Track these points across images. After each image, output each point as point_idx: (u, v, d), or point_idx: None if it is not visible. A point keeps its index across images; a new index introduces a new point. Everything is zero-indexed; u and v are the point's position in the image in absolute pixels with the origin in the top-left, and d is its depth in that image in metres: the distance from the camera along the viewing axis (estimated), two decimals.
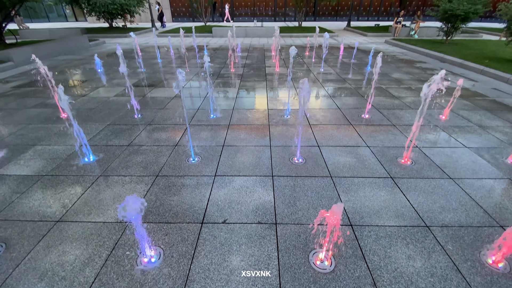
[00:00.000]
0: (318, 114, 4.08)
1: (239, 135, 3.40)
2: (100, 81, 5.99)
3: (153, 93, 5.12)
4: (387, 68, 7.08)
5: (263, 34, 14.02)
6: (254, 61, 8.04)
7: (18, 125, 3.77)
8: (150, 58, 8.39)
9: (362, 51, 9.68)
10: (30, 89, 5.47)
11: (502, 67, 6.51)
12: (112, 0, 14.06)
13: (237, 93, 5.09)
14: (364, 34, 14.25)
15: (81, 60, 8.34)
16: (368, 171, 2.66)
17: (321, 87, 5.51)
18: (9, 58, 7.63)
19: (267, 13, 24.80)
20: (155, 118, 3.95)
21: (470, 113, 4.13)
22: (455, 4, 9.40)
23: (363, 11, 24.89)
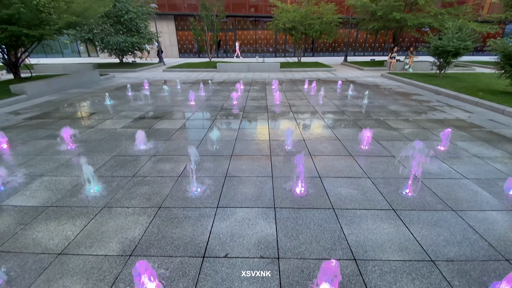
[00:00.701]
0: (319, 145, 4.18)
1: (242, 166, 3.47)
2: (108, 113, 6.24)
3: (159, 124, 5.31)
4: (384, 100, 7.34)
5: (265, 69, 14.78)
6: (256, 94, 8.39)
7: (27, 156, 3.88)
8: (157, 91, 8.80)
9: (360, 84, 10.11)
10: (41, 120, 5.70)
11: (497, 99, 6.74)
12: (124, 39, 15.11)
13: (239, 125, 5.26)
14: (360, 68, 14.96)
15: (91, 93, 8.75)
16: (370, 203, 2.67)
17: (321, 118, 5.69)
18: (23, 91, 8.05)
19: (268, 49, 26.34)
20: (160, 149, 4.07)
21: (468, 144, 4.21)
22: (445, 41, 10.00)
23: (358, 47, 26.38)
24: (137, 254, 2.04)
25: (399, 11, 13.83)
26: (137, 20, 15.72)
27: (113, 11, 14.57)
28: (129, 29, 15.75)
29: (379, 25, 15.62)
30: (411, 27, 14.80)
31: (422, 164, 3.43)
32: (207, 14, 17.10)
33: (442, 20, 13.52)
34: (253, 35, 25.70)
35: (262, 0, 23.37)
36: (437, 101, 7.23)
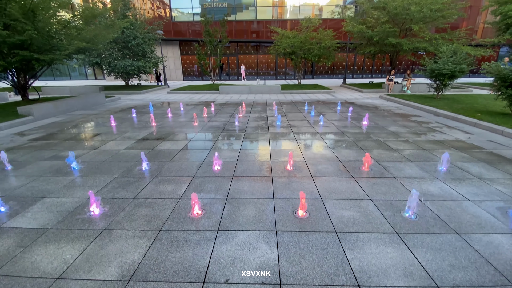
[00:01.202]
0: (320, 166, 4.19)
1: (243, 187, 3.47)
2: (112, 134, 6.35)
3: (162, 145, 5.38)
4: (383, 121, 7.45)
5: (266, 91, 15.16)
6: (257, 115, 8.54)
7: (30, 177, 3.92)
8: (161, 113, 9.00)
9: (359, 105, 10.31)
10: (45, 141, 5.80)
11: (495, 120, 6.82)
12: (130, 63, 15.71)
13: (241, 145, 5.32)
14: (359, 90, 15.31)
15: (95, 115, 8.95)
16: (373, 226, 2.64)
17: (321, 139, 5.76)
18: (30, 113, 8.26)
19: (269, 72, 27.16)
20: (162, 170, 4.09)
21: (469, 165, 4.21)
22: (441, 64, 10.31)
23: (357, 70, 27.14)
24: (136, 279, 2.00)
25: (394, 37, 14.40)
26: (144, 46, 16.44)
27: (121, 37, 15.28)
28: (136, 53, 16.43)
29: (376, 50, 16.19)
30: (407, 51, 15.32)
31: (424, 186, 3.44)
32: (211, 40, 17.87)
33: (437, 45, 14.03)
34: (255, 59, 26.63)
35: (263, 27, 24.50)
36: (436, 122, 7.32)
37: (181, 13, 24.85)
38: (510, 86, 7.32)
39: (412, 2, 13.43)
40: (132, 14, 16.57)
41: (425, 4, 13.36)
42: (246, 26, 24.83)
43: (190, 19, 24.80)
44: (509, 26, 14.36)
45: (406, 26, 14.84)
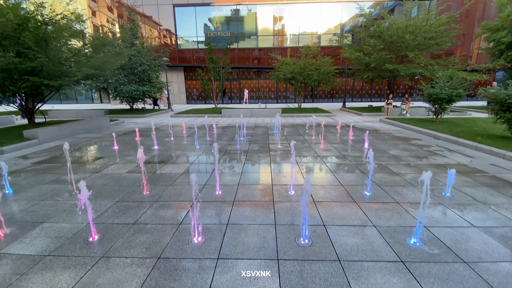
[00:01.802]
0: (322, 191, 4.16)
1: (244, 213, 3.43)
2: (114, 157, 6.41)
3: (163, 169, 5.40)
4: (384, 145, 7.49)
5: (267, 114, 15.44)
6: (259, 138, 8.63)
7: (31, 201, 3.90)
8: (163, 136, 9.12)
9: (359, 129, 10.42)
10: (48, 165, 5.84)
11: (496, 144, 6.84)
12: (136, 88, 16.22)
13: (242, 169, 5.33)
14: (359, 114, 15.55)
15: (99, 138, 9.08)
16: (377, 254, 2.57)
17: (323, 163, 5.76)
18: (35, 136, 8.39)
19: (270, 96, 27.82)
20: (162, 194, 4.08)
21: (472, 190, 4.17)
22: (438, 89, 10.57)
23: (356, 94, 27.76)
24: None
25: (391, 63, 14.90)
26: (150, 72, 17.08)
27: (128, 63, 15.94)
28: (142, 79, 17.02)
29: (373, 75, 16.70)
30: (403, 76, 15.78)
31: (428, 212, 3.38)
32: (214, 67, 18.57)
33: (433, 70, 14.46)
34: (256, 84, 27.42)
35: (264, 54, 25.53)
36: (437, 146, 7.35)
37: (186, 41, 26.07)
38: (507, 110, 7.43)
39: (407, 31, 14.07)
40: (140, 43, 17.41)
41: (419, 32, 13.98)
42: (248, 53, 25.89)
43: (194, 47, 25.97)
44: (502, 51, 14.90)
45: (402, 53, 15.42)
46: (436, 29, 14.30)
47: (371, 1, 23.89)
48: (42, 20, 9.10)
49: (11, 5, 8.58)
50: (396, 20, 15.36)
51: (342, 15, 24.72)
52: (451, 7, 19.32)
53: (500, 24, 14.49)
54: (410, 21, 14.70)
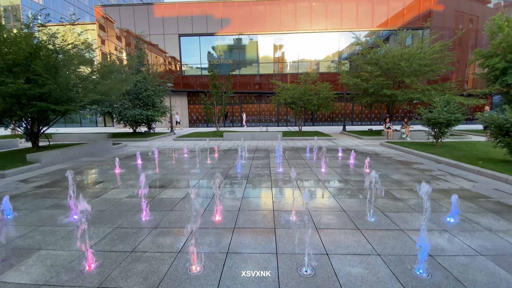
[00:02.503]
0: (324, 217, 4.10)
1: (244, 240, 3.36)
2: (115, 181, 6.40)
3: (163, 194, 5.37)
4: (386, 169, 7.46)
5: (268, 137, 15.59)
6: (260, 161, 8.65)
7: (29, 226, 3.85)
8: (165, 160, 9.17)
9: (360, 152, 10.44)
10: (49, 189, 5.83)
11: (497, 168, 6.81)
12: (140, 112, 16.59)
13: (243, 194, 5.29)
14: (359, 137, 15.66)
15: (101, 162, 9.13)
16: (383, 285, 2.48)
17: (324, 187, 5.72)
18: (37, 160, 8.45)
19: (271, 119, 28.29)
20: (162, 220, 4.02)
21: (477, 216, 4.09)
22: (436, 114, 10.73)
23: (355, 117, 28.17)
24: None
25: (388, 88, 15.28)
26: (154, 97, 17.56)
27: (133, 89, 16.46)
28: (146, 103, 17.46)
29: (372, 100, 17.06)
30: (401, 101, 16.10)
31: (433, 240, 3.30)
32: (217, 92, 19.12)
33: (430, 95, 14.79)
34: (257, 108, 28.03)
35: (265, 80, 26.39)
36: (439, 170, 7.31)
37: (190, 67, 27.12)
38: (506, 134, 7.50)
39: (402, 58, 14.61)
40: (146, 69, 18.11)
41: (414, 60, 14.51)
42: (249, 79, 26.77)
43: (198, 73, 26.95)
44: (497, 77, 15.29)
45: (399, 79, 15.88)
46: (430, 56, 14.85)
47: (367, 30, 25.13)
48: (53, 49, 9.57)
49: (25, 35, 9.05)
50: (391, 48, 16.03)
51: (340, 43, 25.87)
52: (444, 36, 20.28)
53: (493, 51, 15.03)
54: (405, 49, 15.33)
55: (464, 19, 25.28)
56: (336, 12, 24.94)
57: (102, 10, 26.70)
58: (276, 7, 25.08)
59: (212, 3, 25.29)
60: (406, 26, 23.91)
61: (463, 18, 25.24)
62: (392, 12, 24.73)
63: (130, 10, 26.35)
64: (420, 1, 24.47)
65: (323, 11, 24.98)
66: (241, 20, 25.38)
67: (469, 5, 25.04)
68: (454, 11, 24.84)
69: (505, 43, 13.91)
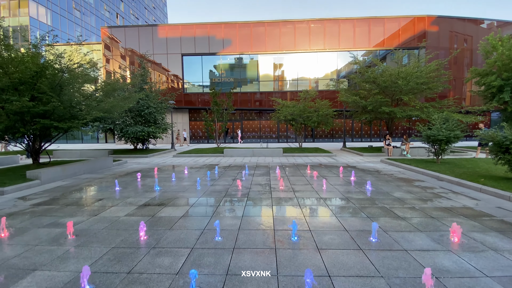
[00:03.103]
0: (326, 236, 4.02)
1: (244, 261, 3.28)
2: (114, 199, 6.34)
3: (163, 212, 5.30)
4: (387, 187, 7.41)
5: (268, 154, 15.60)
6: (260, 179, 8.60)
7: (26, 246, 3.78)
8: (165, 177, 9.13)
9: (361, 169, 10.41)
10: (47, 207, 5.77)
11: (500, 185, 6.75)
12: (141, 129, 16.72)
13: (243, 212, 5.22)
14: (360, 154, 15.66)
15: (101, 179, 9.09)
16: None
17: (325, 205, 5.65)
18: (37, 177, 8.42)
19: (271, 135, 28.42)
20: (160, 240, 3.95)
21: (481, 235, 4.01)
22: (435, 131, 10.79)
23: (355, 134, 28.31)
24: None
25: (387, 106, 15.49)
26: (156, 114, 17.78)
27: (136, 106, 16.70)
28: (147, 120, 17.64)
29: (371, 117, 17.24)
30: (400, 118, 16.25)
31: (438, 260, 3.22)
32: (218, 109, 19.39)
33: (428, 112, 14.95)
34: (258, 124, 28.28)
35: (265, 97, 26.84)
36: (441, 188, 7.25)
37: (192, 85, 27.69)
38: (506, 151, 7.50)
39: (399, 77, 14.93)
40: (149, 87, 18.47)
41: (411, 78, 14.82)
42: (250, 96, 27.23)
43: (200, 91, 27.47)
44: (494, 94, 15.46)
45: (396, 96, 16.13)
46: (427, 75, 15.17)
47: (364, 50, 25.87)
48: (59, 68, 9.84)
49: (32, 54, 9.32)
50: (388, 67, 16.43)
51: (338, 62, 26.56)
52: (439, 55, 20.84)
53: (489, 69, 15.31)
54: (402, 68, 15.70)
55: (459, 39, 26.10)
56: (334, 32, 25.83)
57: (108, 31, 27.71)
58: (275, 28, 26.02)
59: (215, 25, 26.28)
60: (402, 46, 24.69)
61: (457, 38, 26.05)
62: (388, 33, 25.59)
63: (135, 31, 27.35)
64: (414, 23, 25.39)
65: (321, 32, 25.88)
66: (242, 41, 26.24)
67: (462, 26, 25.94)
68: (448, 31, 25.70)
69: (500, 61, 14.22)
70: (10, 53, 9.06)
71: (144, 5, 67.27)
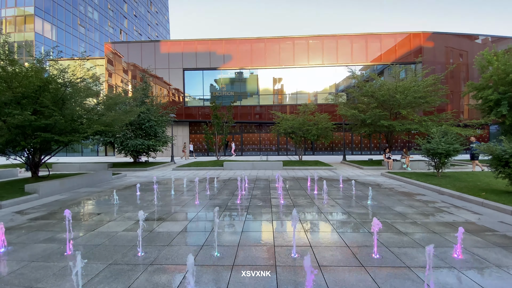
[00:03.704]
0: (327, 253, 3.95)
1: (244, 279, 3.21)
2: (112, 213, 6.27)
3: (161, 227, 5.23)
4: (388, 201, 7.34)
5: (268, 167, 15.56)
6: (260, 192, 8.54)
7: (21, 262, 3.71)
8: (164, 190, 9.07)
9: (362, 183, 10.35)
10: (44, 221, 5.70)
11: (501, 199, 6.70)
12: (141, 142, 16.76)
13: (242, 227, 5.15)
14: (360, 167, 15.62)
15: (99, 193, 9.02)
16: None
17: (326, 220, 5.58)
18: (35, 191, 8.36)
19: (271, 148, 28.45)
20: (158, 256, 3.87)
21: (484, 251, 3.94)
22: (434, 144, 10.81)
23: (355, 147, 28.35)
24: None
25: (385, 119, 15.58)
26: (156, 127, 17.87)
27: (136, 119, 16.82)
28: (148, 133, 17.71)
29: (370, 130, 17.32)
30: (399, 132, 16.33)
31: (441, 278, 3.15)
32: (218, 122, 19.53)
33: (427, 126, 15.03)
34: (258, 137, 28.39)
35: (265, 110, 27.11)
36: (442, 202, 7.19)
37: (193, 98, 28.04)
38: (506, 165, 7.49)
39: (397, 91, 15.14)
40: (150, 101, 18.68)
41: (409, 92, 15.02)
42: (250, 110, 27.51)
43: (200, 104, 27.79)
44: (492, 108, 15.58)
45: (395, 110, 16.28)
46: (424, 89, 15.38)
47: (361, 65, 26.40)
48: (62, 83, 9.98)
49: (36, 69, 9.47)
50: (386, 82, 16.69)
51: (336, 77, 27.05)
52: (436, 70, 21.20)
53: (485, 83, 15.52)
54: (399, 82, 15.95)
55: (454, 53, 26.69)
56: (332, 48, 26.46)
57: (112, 46, 28.38)
58: (275, 44, 26.69)
59: (216, 41, 26.97)
60: (399, 61, 25.23)
61: (453, 53, 26.65)
62: (385, 48, 26.22)
63: (138, 46, 28.02)
64: (410, 39, 26.07)
65: (319, 47, 26.52)
66: (243, 56, 26.83)
67: (457, 41, 26.60)
68: (443, 46, 26.33)
69: (495, 76, 14.45)
70: (15, 68, 9.23)
71: (147, 21, 69.31)
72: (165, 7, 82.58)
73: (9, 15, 38.47)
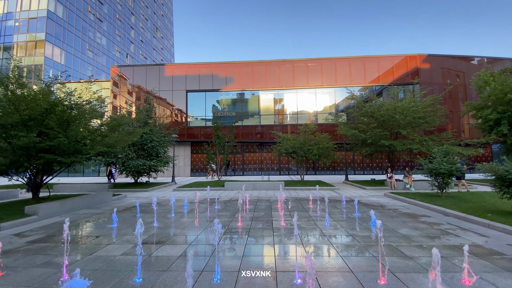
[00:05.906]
0: (331, 279, 3.83)
1: None
2: (110, 236, 6.17)
3: (160, 251, 5.12)
4: (392, 223, 7.20)
5: (270, 187, 15.42)
6: (262, 214, 8.40)
7: (17, 287, 3.62)
8: (164, 212, 8.96)
9: (365, 204, 10.19)
10: (42, 244, 5.60)
11: (508, 221, 6.55)
12: (143, 162, 16.78)
13: (243, 251, 5.03)
14: (363, 188, 15.43)
15: (99, 214, 8.92)
16: None
17: (329, 244, 5.45)
18: (35, 212, 8.29)
19: (272, 168, 28.33)
20: (156, 283, 3.77)
21: (494, 276, 3.80)
22: (436, 164, 10.74)
23: (357, 166, 28.18)
24: None
25: (386, 139, 15.59)
26: (158, 147, 17.98)
27: (139, 140, 16.98)
28: (150, 154, 17.78)
29: (371, 149, 17.29)
30: (401, 151, 16.28)
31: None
32: (220, 142, 19.68)
33: (428, 146, 15.01)
34: (259, 156, 28.39)
35: (266, 130, 27.36)
36: (448, 224, 7.03)
37: (195, 119, 28.47)
38: (510, 185, 7.41)
39: (396, 112, 15.31)
40: (153, 122, 18.96)
41: (408, 113, 15.17)
42: (251, 130, 27.78)
43: (202, 125, 28.17)
44: (492, 127, 15.61)
45: (395, 130, 16.35)
46: (423, 109, 15.54)
47: (360, 86, 26.98)
48: (69, 105, 10.23)
49: (43, 92, 9.73)
50: (385, 102, 16.94)
51: (336, 97, 27.54)
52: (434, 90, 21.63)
53: (483, 103, 15.67)
54: (398, 103, 16.17)
55: (451, 74, 27.31)
56: (331, 70, 27.22)
57: (118, 70, 29.38)
58: (275, 66, 27.54)
59: (218, 64, 27.90)
60: (397, 82, 25.81)
61: (449, 74, 27.27)
62: (383, 70, 26.92)
63: (143, 69, 28.99)
64: (407, 60, 26.84)
65: (318, 69, 27.29)
66: (244, 78, 27.61)
67: (453, 63, 27.32)
68: (440, 68, 27.01)
69: (493, 96, 14.64)
70: (23, 91, 9.52)
71: (152, 46, 72.21)
72: (170, 32, 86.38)
73: (21, 41, 40.30)
